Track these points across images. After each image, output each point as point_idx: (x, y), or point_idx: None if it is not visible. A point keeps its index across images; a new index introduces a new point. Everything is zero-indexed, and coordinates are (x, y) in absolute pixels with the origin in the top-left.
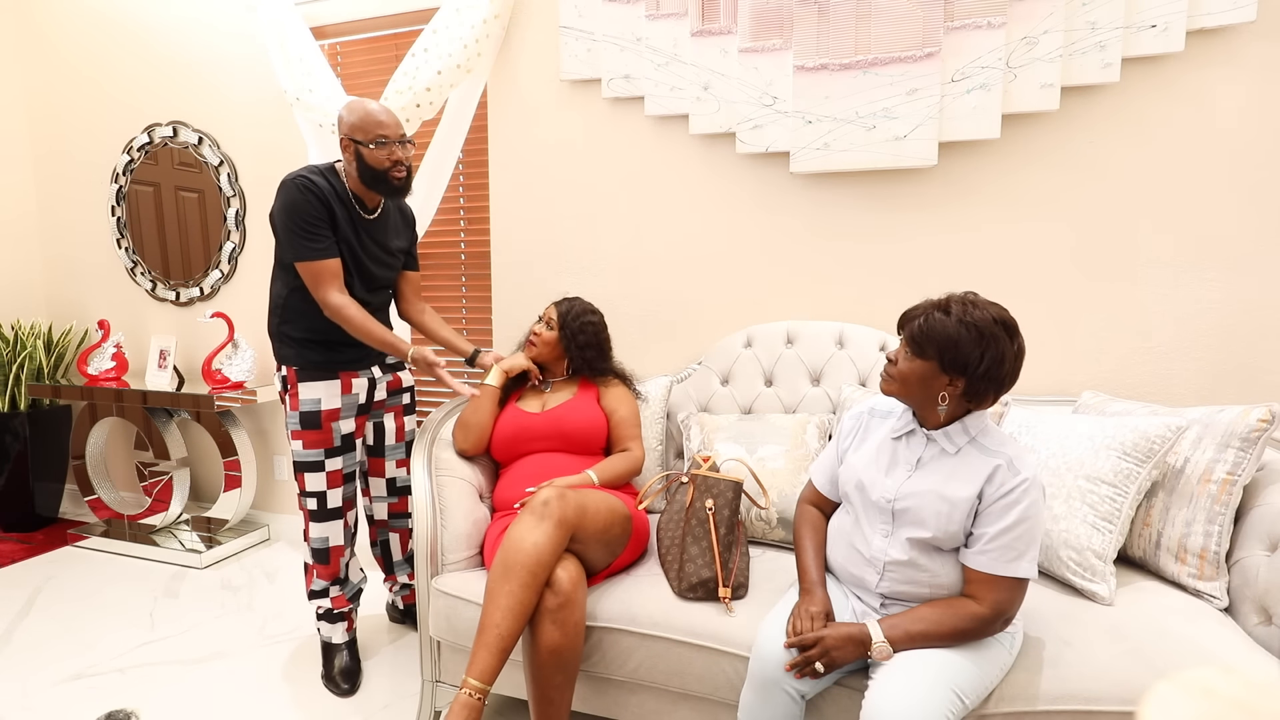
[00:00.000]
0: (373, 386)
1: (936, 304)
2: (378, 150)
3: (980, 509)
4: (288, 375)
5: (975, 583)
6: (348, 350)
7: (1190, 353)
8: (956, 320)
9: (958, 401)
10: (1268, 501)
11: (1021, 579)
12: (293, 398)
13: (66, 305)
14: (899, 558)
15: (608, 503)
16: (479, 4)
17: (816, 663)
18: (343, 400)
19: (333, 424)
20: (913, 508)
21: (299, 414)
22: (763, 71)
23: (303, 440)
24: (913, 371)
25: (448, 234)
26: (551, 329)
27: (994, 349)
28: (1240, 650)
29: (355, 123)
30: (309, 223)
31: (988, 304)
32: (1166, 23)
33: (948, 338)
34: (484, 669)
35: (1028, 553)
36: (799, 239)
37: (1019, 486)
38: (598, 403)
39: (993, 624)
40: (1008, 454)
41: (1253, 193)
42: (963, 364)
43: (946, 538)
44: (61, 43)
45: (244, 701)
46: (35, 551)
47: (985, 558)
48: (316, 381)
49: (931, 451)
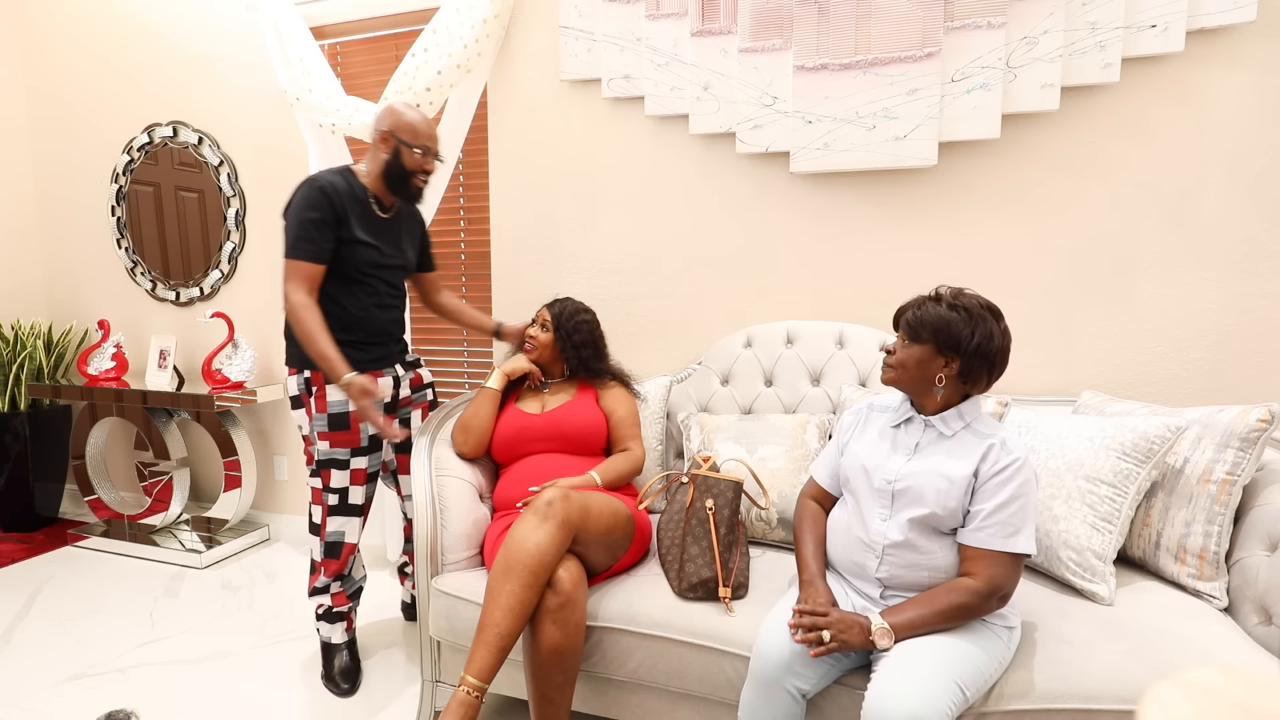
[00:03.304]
0: (397, 385)
1: (927, 296)
2: (418, 155)
3: (976, 486)
4: (312, 378)
5: (972, 559)
6: (373, 349)
7: (1190, 353)
8: (947, 305)
9: (954, 384)
10: (1267, 501)
11: (1017, 555)
12: (319, 400)
13: (66, 305)
14: (897, 539)
15: (611, 505)
16: (479, 4)
17: (824, 632)
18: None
19: (360, 424)
20: (913, 487)
21: (327, 415)
22: (763, 71)
23: (330, 440)
24: (910, 356)
25: (448, 234)
26: (547, 330)
27: (983, 326)
28: (1240, 650)
29: (406, 124)
30: (313, 223)
31: (974, 294)
32: (1166, 23)
33: (940, 319)
34: (482, 667)
35: (1023, 529)
36: (799, 239)
37: (1012, 464)
38: (597, 403)
39: (988, 599)
40: (1000, 435)
41: (1253, 193)
42: (955, 342)
43: (945, 514)
44: (61, 42)
45: (244, 701)
46: (35, 551)
47: (982, 534)
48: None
49: (929, 436)
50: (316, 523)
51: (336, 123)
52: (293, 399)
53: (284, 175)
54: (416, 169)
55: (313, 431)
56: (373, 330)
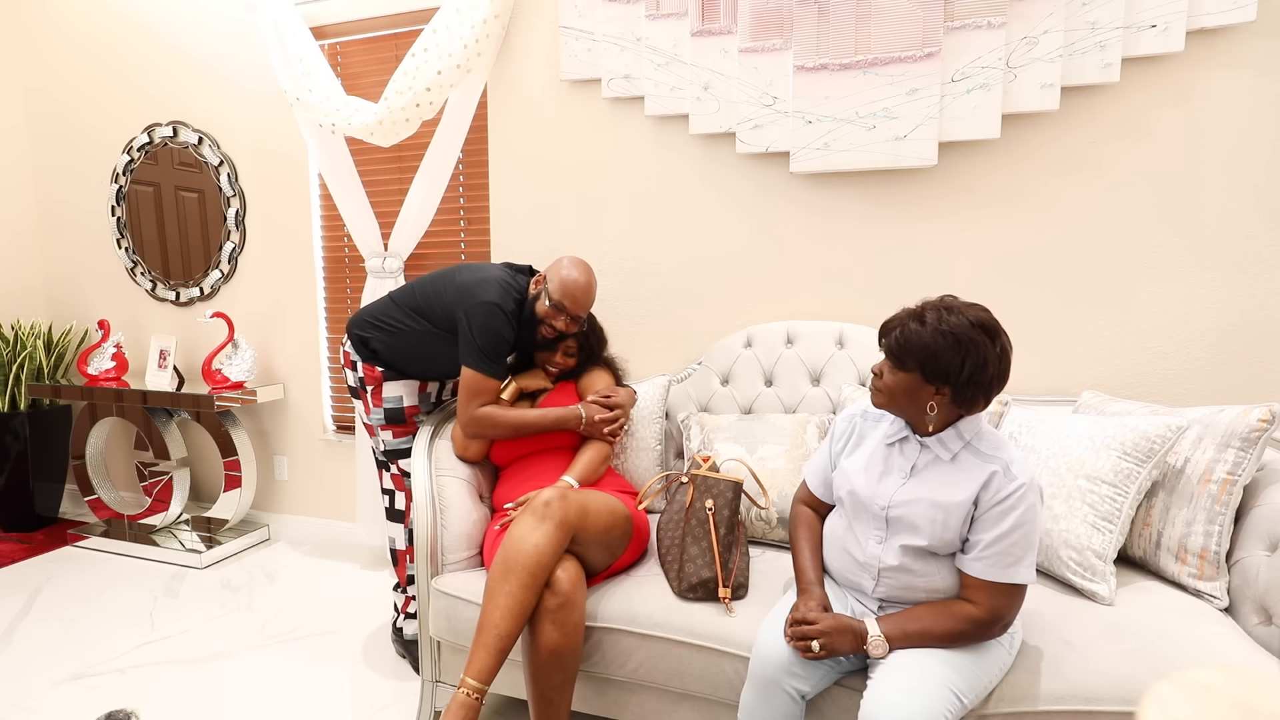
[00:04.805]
0: (441, 388)
1: (912, 314)
2: (549, 308)
3: (976, 515)
4: (368, 375)
5: (972, 588)
6: (427, 373)
7: (1190, 353)
8: (932, 330)
9: (948, 409)
10: (1268, 501)
11: (1018, 585)
12: (375, 396)
13: (66, 305)
14: (893, 563)
15: (609, 505)
16: (479, 4)
17: (814, 641)
18: (419, 397)
19: (414, 417)
20: (907, 515)
21: (384, 410)
22: (763, 71)
23: (392, 432)
24: (898, 384)
25: (448, 234)
26: (571, 355)
27: (974, 354)
28: (1240, 650)
29: (557, 274)
30: (498, 345)
31: (965, 307)
32: (1166, 23)
33: (925, 348)
34: (482, 668)
35: (1025, 558)
36: (799, 239)
37: (1015, 492)
38: (574, 389)
39: (989, 629)
40: (1004, 459)
41: (1253, 192)
42: (944, 373)
43: (942, 545)
44: (61, 43)
45: (244, 702)
46: (35, 551)
47: (982, 564)
48: (398, 381)
49: (926, 458)
50: (401, 509)
51: (336, 123)
52: (350, 389)
53: (284, 175)
54: (545, 318)
55: (375, 423)
56: (425, 368)
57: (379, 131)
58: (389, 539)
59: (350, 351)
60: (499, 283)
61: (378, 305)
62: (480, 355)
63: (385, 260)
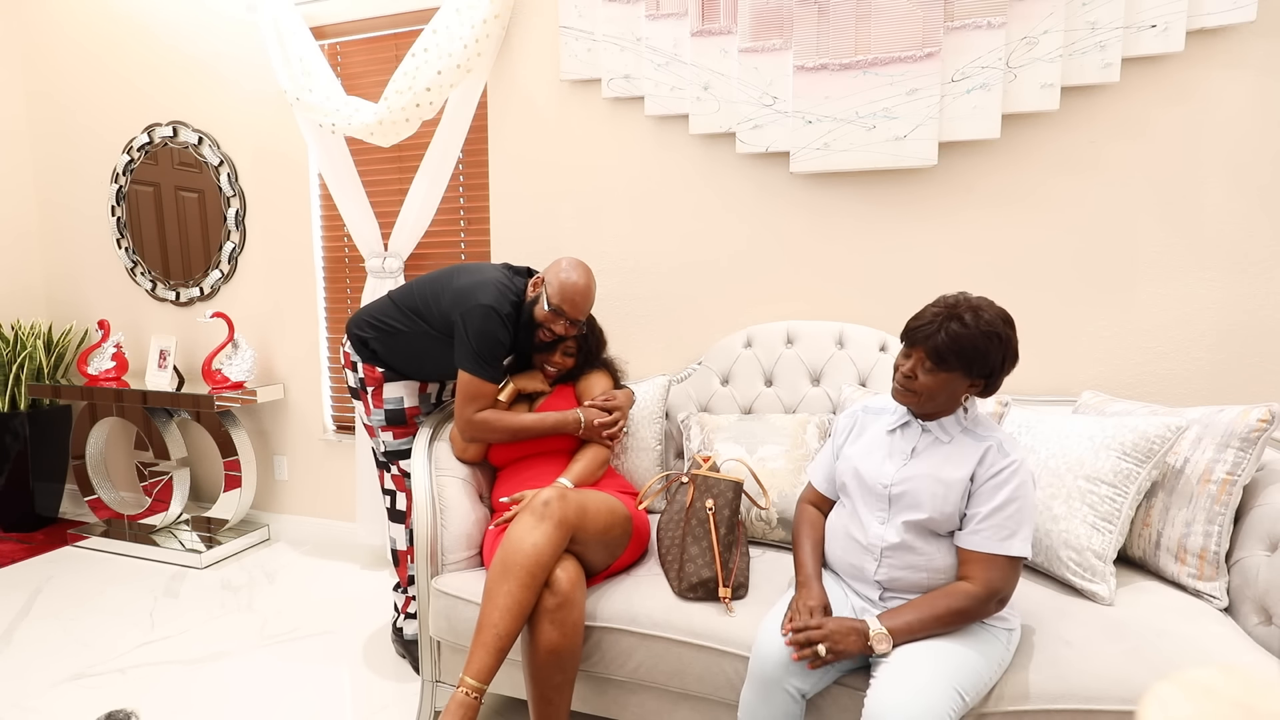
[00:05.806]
0: (442, 389)
1: (947, 313)
2: (548, 311)
3: (973, 489)
4: (369, 376)
5: (969, 563)
6: (427, 374)
7: (1190, 353)
8: (975, 331)
9: (970, 396)
10: (1268, 501)
11: (1014, 558)
12: (376, 397)
13: (66, 305)
14: (895, 541)
15: (608, 504)
16: (479, 4)
17: (819, 645)
18: (420, 398)
19: (415, 418)
20: (909, 491)
21: (384, 411)
22: (763, 71)
23: (392, 433)
24: (937, 384)
25: (448, 234)
26: (569, 355)
27: (1010, 348)
28: (1240, 650)
29: (556, 277)
30: (494, 349)
31: (986, 304)
32: (1166, 23)
33: (975, 349)
34: (481, 668)
35: (1020, 531)
36: (799, 239)
37: (1008, 467)
38: (572, 392)
39: (987, 603)
40: (997, 438)
41: (1253, 192)
42: (988, 368)
43: (942, 519)
44: (61, 43)
45: (244, 702)
46: (35, 551)
47: (978, 537)
48: (398, 381)
49: (926, 440)
50: (402, 509)
51: (336, 123)
52: (351, 390)
53: (284, 175)
54: (543, 322)
55: (375, 424)
56: (425, 369)
57: (379, 131)
58: (390, 539)
59: (350, 352)
60: (496, 285)
61: (377, 305)
62: (476, 359)
63: (385, 260)
